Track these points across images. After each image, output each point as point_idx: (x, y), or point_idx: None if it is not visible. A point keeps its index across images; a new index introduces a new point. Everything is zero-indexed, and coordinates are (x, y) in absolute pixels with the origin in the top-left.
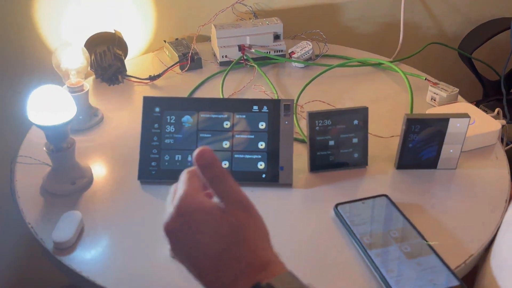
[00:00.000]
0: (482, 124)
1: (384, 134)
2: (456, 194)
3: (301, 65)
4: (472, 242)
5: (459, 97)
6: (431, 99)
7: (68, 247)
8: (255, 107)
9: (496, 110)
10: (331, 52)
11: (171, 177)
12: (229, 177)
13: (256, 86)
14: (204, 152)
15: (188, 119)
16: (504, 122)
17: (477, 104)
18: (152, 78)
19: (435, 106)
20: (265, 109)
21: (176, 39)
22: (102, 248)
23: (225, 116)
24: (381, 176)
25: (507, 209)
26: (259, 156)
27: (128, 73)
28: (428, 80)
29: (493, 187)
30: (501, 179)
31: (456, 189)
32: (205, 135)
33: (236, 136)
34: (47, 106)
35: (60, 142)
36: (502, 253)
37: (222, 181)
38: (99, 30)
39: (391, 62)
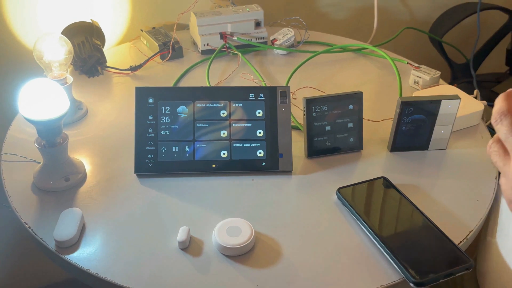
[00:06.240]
0: (467, 105)
1: (375, 118)
2: (449, 173)
3: (284, 52)
4: (470, 219)
5: (440, 80)
6: (414, 82)
7: (72, 245)
8: (252, 95)
9: (475, 91)
10: (311, 39)
11: (169, 169)
12: None
13: (244, 75)
14: None
15: (183, 109)
16: (485, 102)
17: None
18: (133, 68)
19: (418, 89)
20: (261, 96)
21: (153, 28)
22: (107, 244)
23: (222, 105)
24: (376, 159)
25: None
26: (258, 144)
27: (107, 64)
28: (410, 63)
29: (482, 165)
30: (489, 158)
31: (449, 169)
32: (202, 125)
33: (234, 124)
34: (40, 100)
35: (53, 137)
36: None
37: None
38: (72, 20)
39: (375, 46)
